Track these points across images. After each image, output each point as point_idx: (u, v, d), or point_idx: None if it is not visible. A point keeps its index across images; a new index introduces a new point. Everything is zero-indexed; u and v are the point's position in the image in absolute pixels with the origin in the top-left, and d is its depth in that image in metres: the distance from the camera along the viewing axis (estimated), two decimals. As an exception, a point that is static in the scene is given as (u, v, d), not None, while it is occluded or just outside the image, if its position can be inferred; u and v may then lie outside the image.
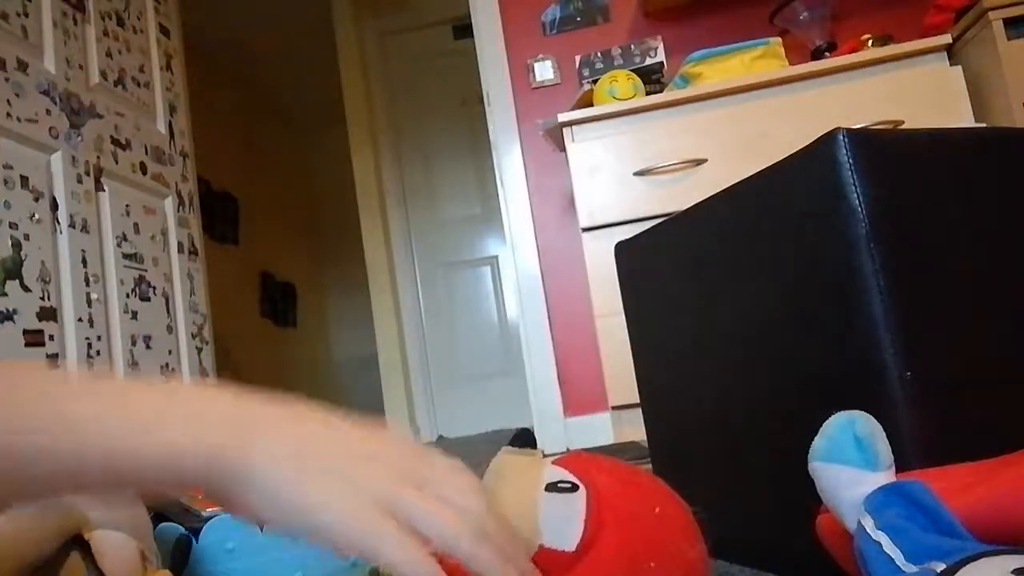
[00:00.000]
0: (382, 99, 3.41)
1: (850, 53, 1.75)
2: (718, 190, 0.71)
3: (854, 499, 0.37)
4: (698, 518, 0.45)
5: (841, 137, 0.55)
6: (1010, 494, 0.32)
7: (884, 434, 0.39)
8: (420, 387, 3.27)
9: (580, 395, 2.15)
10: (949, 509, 0.33)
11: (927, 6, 1.83)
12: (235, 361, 3.52)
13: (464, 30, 3.12)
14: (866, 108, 1.60)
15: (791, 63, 1.82)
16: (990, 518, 0.32)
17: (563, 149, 1.83)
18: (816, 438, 0.40)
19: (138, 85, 2.04)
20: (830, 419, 0.40)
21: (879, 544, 0.33)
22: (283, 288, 4.53)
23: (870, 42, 1.79)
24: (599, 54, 2.23)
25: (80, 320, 1.63)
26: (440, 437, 3.21)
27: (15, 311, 1.45)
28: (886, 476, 0.37)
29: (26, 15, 1.62)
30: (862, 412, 0.40)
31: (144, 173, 2.00)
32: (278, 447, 0.35)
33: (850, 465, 0.38)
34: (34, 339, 1.51)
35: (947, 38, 1.65)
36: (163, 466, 0.34)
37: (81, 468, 0.33)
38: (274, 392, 0.38)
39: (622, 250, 0.89)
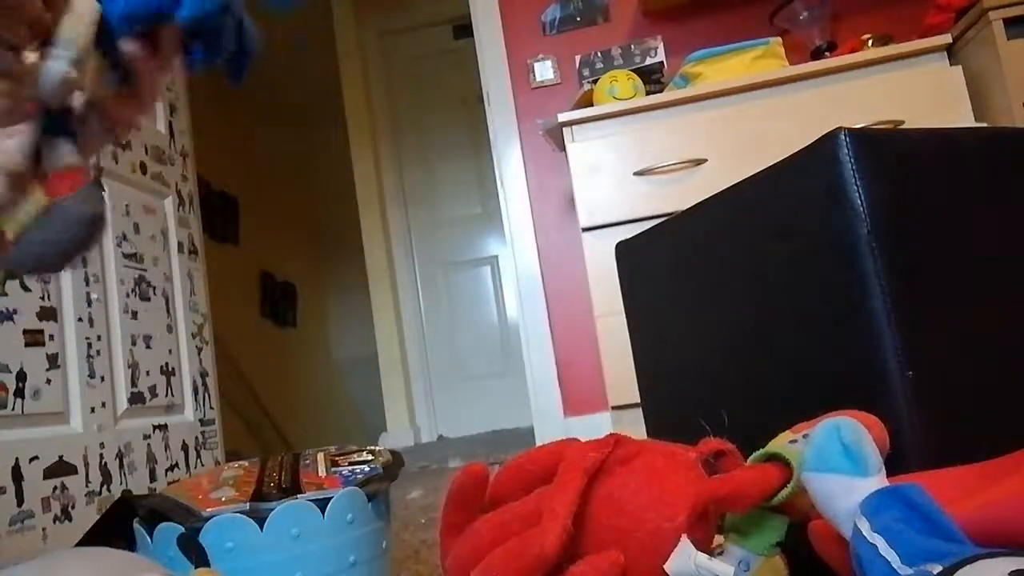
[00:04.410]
0: (382, 99, 3.41)
1: (850, 53, 1.75)
2: (718, 190, 0.71)
3: (849, 507, 0.37)
4: None
5: (843, 137, 0.55)
6: (1013, 503, 0.32)
7: (870, 438, 0.39)
8: (420, 387, 3.27)
9: (580, 395, 2.15)
10: (948, 515, 0.33)
11: (927, 6, 1.82)
12: (235, 361, 3.52)
13: (464, 30, 3.12)
14: (866, 108, 1.59)
15: (791, 63, 1.82)
16: (992, 527, 0.32)
17: (563, 149, 1.83)
18: (804, 449, 0.40)
19: (138, 85, 2.03)
20: (816, 428, 0.40)
21: (875, 547, 0.33)
22: (283, 288, 4.53)
23: (870, 42, 1.79)
24: (599, 54, 2.22)
25: (80, 320, 1.63)
26: (440, 437, 3.21)
27: (15, 311, 1.45)
28: (877, 481, 0.37)
29: (26, 15, 1.61)
30: (846, 418, 0.40)
31: (144, 173, 2.00)
32: None
33: (840, 473, 0.37)
34: (34, 339, 1.50)
35: (947, 38, 1.65)
36: None
37: None
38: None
39: (622, 250, 0.89)
